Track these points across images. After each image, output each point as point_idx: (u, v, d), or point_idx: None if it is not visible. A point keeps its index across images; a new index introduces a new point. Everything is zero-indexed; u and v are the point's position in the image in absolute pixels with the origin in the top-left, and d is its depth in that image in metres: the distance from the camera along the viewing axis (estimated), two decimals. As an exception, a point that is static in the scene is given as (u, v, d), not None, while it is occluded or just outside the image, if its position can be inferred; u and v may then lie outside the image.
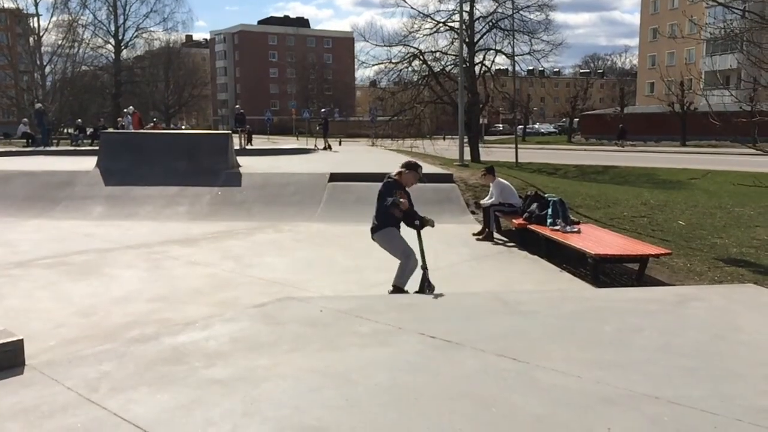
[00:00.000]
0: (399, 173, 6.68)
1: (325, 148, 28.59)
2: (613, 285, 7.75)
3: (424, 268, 6.37)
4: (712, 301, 5.94)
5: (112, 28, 60.82)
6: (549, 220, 9.39)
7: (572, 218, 9.84)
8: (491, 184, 10.76)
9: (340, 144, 35.19)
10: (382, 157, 21.90)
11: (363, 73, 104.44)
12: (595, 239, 8.58)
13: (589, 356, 4.39)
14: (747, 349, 4.59)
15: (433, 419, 3.46)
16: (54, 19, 54.21)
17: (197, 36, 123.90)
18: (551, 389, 3.86)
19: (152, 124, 34.03)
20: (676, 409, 3.57)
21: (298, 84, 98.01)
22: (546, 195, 10.39)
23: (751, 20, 10.80)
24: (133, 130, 24.30)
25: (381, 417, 3.49)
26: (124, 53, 63.49)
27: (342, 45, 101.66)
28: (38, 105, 32.23)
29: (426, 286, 6.35)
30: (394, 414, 3.52)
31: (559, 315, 5.39)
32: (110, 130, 29.95)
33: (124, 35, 62.03)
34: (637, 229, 11.00)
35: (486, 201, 10.69)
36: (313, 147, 28.22)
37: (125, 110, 29.84)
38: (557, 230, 9.06)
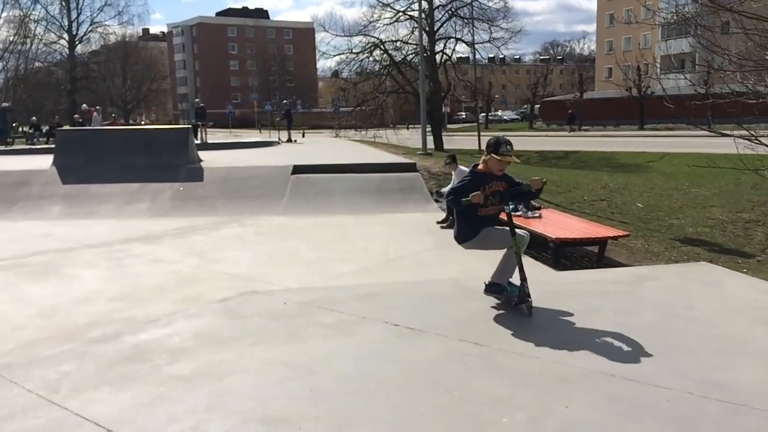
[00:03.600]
0: (485, 161, 5.15)
1: (288, 141, 28.42)
2: (574, 268, 7.90)
3: (523, 279, 5.00)
4: (667, 280, 6.12)
5: (65, 22, 59.44)
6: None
7: (533, 204, 9.99)
8: (453, 172, 10.85)
9: (303, 136, 35.00)
10: (346, 148, 21.90)
11: (324, 64, 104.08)
12: (556, 224, 8.73)
13: (549, 338, 4.49)
14: (699, 325, 4.76)
15: (396, 405, 3.52)
16: (4, 14, 52.71)
17: (154, 29, 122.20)
18: (512, 371, 3.95)
19: (110, 120, 33.40)
20: (631, 385, 3.69)
21: (259, 76, 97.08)
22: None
23: (702, 4, 11.05)
24: (99, 127, 23.89)
25: (345, 405, 3.53)
26: (79, 48, 62.06)
27: (302, 36, 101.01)
28: (5, 104, 31.36)
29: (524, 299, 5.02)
30: (359, 402, 3.57)
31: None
32: (66, 127, 29.27)
33: (77, 30, 60.65)
34: (596, 213, 11.22)
35: (448, 189, 10.78)
36: (276, 140, 28.03)
37: (84, 107, 29.26)
38: (519, 216, 9.19)
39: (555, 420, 3.31)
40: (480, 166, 5.16)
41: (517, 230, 5.10)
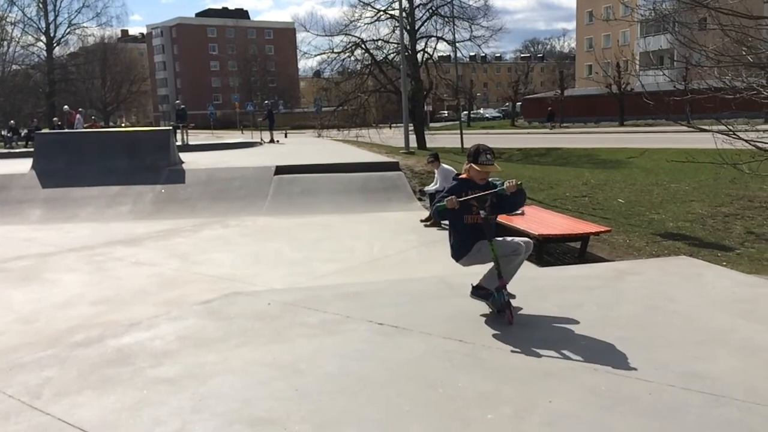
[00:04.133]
0: (466, 169, 5.04)
1: (270, 141, 28.33)
2: (557, 264, 7.96)
3: (501, 287, 4.82)
4: (648, 274, 6.18)
5: (43, 24, 58.71)
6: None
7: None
8: (436, 171, 10.88)
9: (285, 136, 34.92)
10: (329, 148, 21.87)
11: (306, 64, 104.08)
12: (538, 220, 8.78)
13: (532, 334, 4.52)
14: (680, 318, 4.81)
15: (381, 404, 3.53)
16: (-20, 17, 52.04)
17: (133, 30, 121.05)
18: (496, 367, 3.97)
19: (90, 123, 33.10)
20: (613, 378, 3.73)
21: (240, 77, 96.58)
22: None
23: (680, 1, 11.16)
24: (82, 129, 23.66)
25: (330, 405, 3.53)
26: (57, 50, 61.37)
27: (283, 36, 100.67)
28: None
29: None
30: (343, 401, 3.57)
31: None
32: (45, 130, 28.98)
33: (55, 32, 59.96)
34: (578, 209, 11.32)
35: (431, 187, 10.81)
36: (258, 140, 27.92)
37: (66, 109, 28.96)
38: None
39: (539, 415, 3.34)
40: (462, 175, 5.03)
41: (515, 239, 4.92)
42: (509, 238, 4.96)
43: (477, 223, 4.82)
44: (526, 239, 5.02)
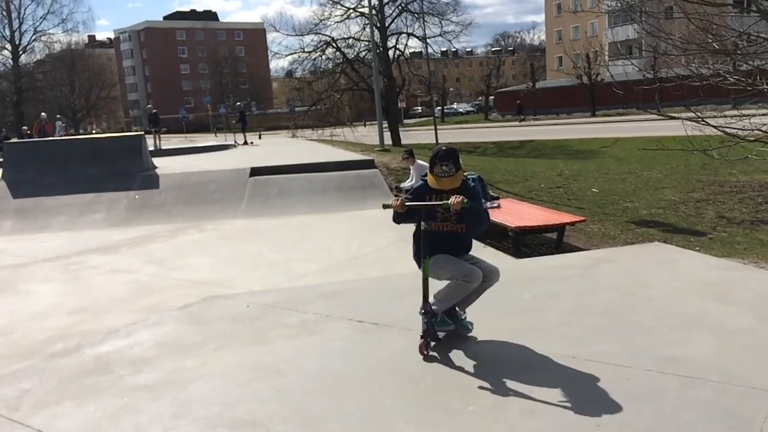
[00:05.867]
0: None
1: (244, 143, 28.15)
2: (534, 255, 8.03)
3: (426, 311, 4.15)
4: (623, 261, 6.27)
5: (7, 32, 57.90)
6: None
7: (492, 194, 10.11)
8: (411, 167, 10.91)
9: (260, 138, 34.69)
10: (304, 148, 21.78)
11: (277, 64, 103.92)
12: (514, 213, 8.86)
13: (511, 324, 4.57)
14: (654, 303, 4.89)
15: (363, 400, 3.54)
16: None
17: (100, 35, 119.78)
18: (476, 359, 4.00)
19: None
20: (591, 365, 3.78)
21: (211, 79, 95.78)
22: (466, 173, 10.62)
23: (645, -10, 11.32)
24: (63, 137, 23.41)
25: (312, 404, 3.54)
26: (23, 58, 60.47)
27: (253, 37, 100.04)
28: None
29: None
30: (326, 399, 3.58)
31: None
32: (14, 140, 28.50)
33: (20, 40, 59.05)
34: (554, 200, 11.42)
35: (407, 184, 10.84)
36: (232, 143, 27.72)
37: (43, 116, 28.54)
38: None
39: (519, 404, 3.38)
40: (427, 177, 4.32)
41: (480, 264, 4.23)
42: (471, 262, 4.24)
43: (442, 231, 4.20)
44: (491, 267, 4.29)
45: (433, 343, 4.21)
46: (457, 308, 4.37)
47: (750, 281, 5.41)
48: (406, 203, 4.17)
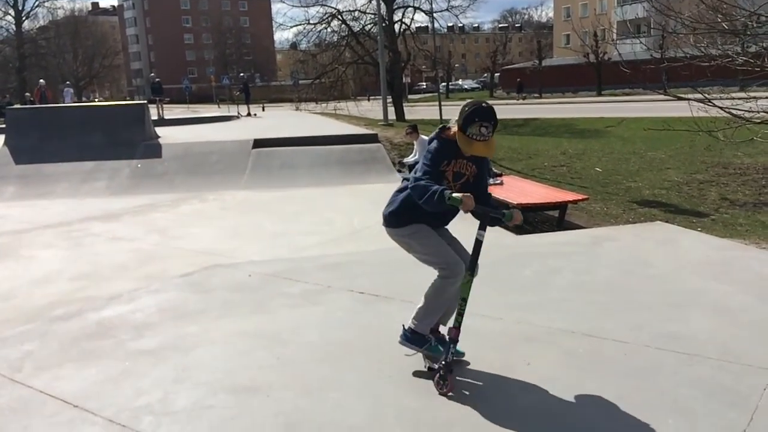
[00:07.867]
0: (448, 128, 3.49)
1: (247, 115, 28.03)
2: (535, 232, 8.03)
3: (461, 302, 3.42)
4: (624, 240, 6.27)
5: (11, -2, 57.25)
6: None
7: (495, 171, 10.09)
8: (415, 142, 10.87)
9: (263, 110, 34.54)
10: (307, 121, 21.70)
11: (282, 36, 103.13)
12: (517, 190, 8.85)
13: (511, 299, 4.59)
14: (654, 281, 4.90)
15: (363, 370, 3.57)
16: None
17: (104, 3, 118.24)
18: (476, 332, 4.01)
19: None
20: (590, 341, 3.81)
21: (215, 49, 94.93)
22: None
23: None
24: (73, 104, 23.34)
25: (313, 373, 3.57)
26: (26, 24, 60.04)
27: (258, 7, 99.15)
28: None
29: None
30: (326, 369, 3.61)
31: (482, 263, 5.55)
32: (17, 105, 28.38)
33: (23, 5, 58.51)
34: (557, 178, 11.39)
35: (410, 159, 10.81)
36: (235, 114, 27.61)
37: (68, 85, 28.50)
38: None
39: (518, 377, 3.40)
40: (449, 131, 3.45)
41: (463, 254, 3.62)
42: (449, 242, 3.64)
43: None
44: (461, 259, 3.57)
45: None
46: (441, 325, 3.66)
47: (751, 261, 5.42)
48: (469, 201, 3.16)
